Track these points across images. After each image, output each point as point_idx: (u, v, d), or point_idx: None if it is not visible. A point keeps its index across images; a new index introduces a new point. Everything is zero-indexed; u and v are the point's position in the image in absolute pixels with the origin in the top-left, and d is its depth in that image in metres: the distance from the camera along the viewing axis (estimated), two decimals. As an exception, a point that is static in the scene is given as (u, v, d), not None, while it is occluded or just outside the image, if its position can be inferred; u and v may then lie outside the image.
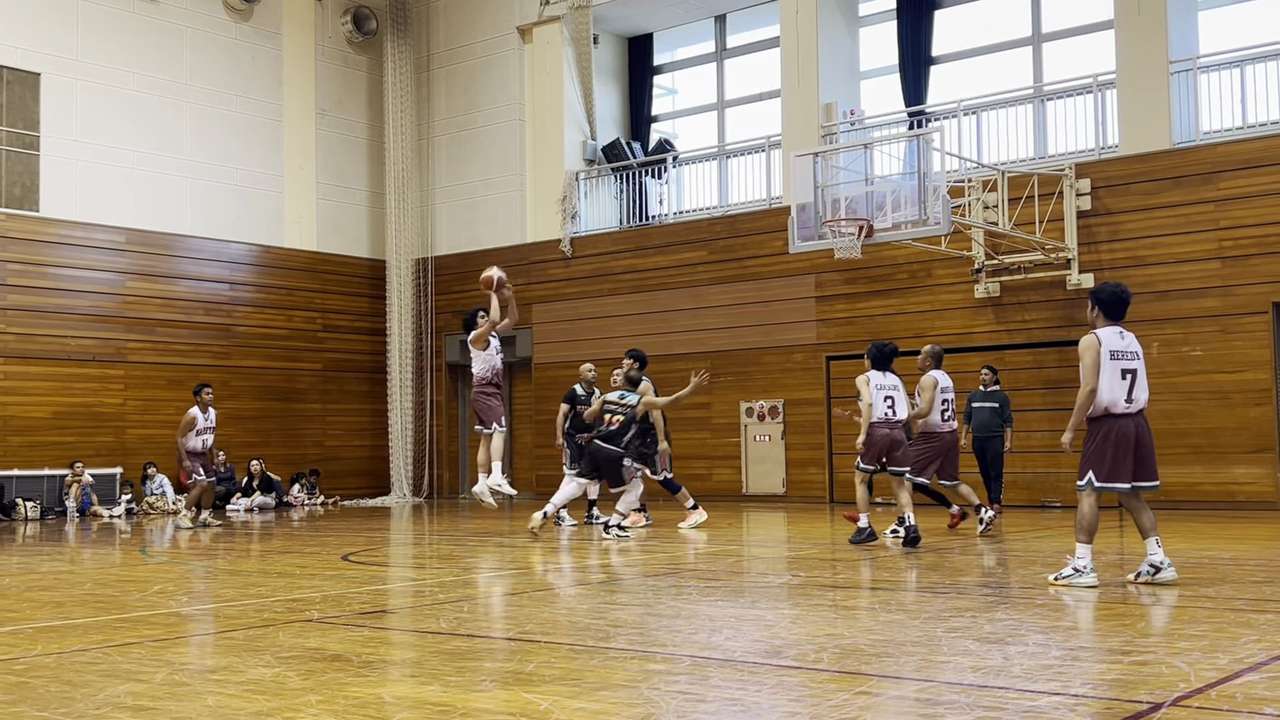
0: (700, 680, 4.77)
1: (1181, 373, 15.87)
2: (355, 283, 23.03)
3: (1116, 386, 7.46)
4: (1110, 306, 7.66)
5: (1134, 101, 16.53)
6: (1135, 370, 7.54)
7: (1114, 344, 7.54)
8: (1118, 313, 7.67)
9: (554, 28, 21.84)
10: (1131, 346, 7.62)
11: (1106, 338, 7.54)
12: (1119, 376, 7.48)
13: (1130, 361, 7.55)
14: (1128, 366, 7.53)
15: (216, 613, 7.01)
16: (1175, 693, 4.31)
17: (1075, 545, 7.58)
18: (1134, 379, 7.51)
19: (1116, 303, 7.67)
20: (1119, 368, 7.50)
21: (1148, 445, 7.58)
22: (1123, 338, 7.61)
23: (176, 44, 20.57)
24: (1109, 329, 7.62)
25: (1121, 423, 7.47)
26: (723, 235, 19.89)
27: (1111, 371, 7.47)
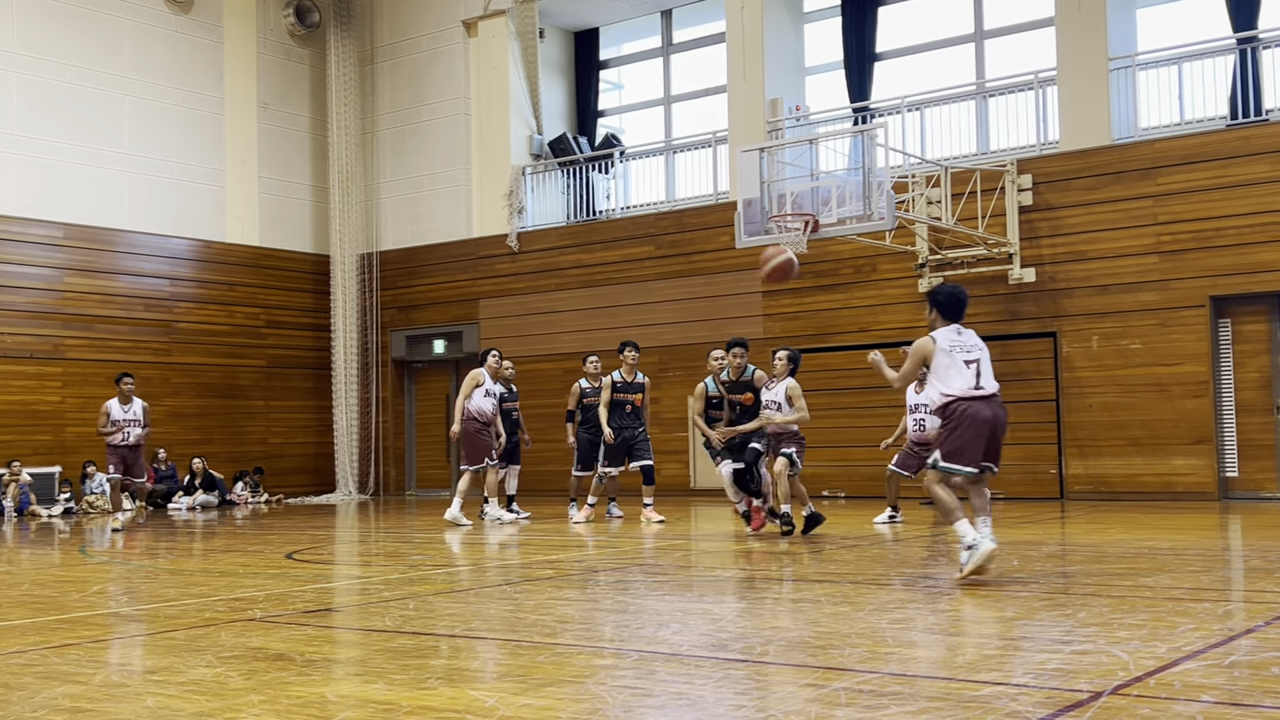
0: (647, 675, 4.78)
1: (1121, 366, 16.10)
2: (299, 278, 22.81)
3: (964, 373, 7.40)
4: (947, 308, 7.62)
5: (1074, 98, 16.74)
6: (979, 360, 7.47)
7: (950, 340, 7.51)
8: (954, 314, 7.61)
9: (499, 22, 21.74)
10: (971, 342, 7.57)
11: (942, 337, 7.51)
12: (963, 366, 7.42)
13: (972, 353, 7.49)
14: (969, 357, 7.46)
15: (157, 613, 6.92)
16: (1115, 681, 4.37)
17: (954, 529, 7.46)
18: (979, 367, 7.44)
19: (953, 304, 7.62)
20: (960, 358, 7.44)
21: (1000, 432, 7.49)
22: (960, 334, 7.57)
23: (115, 36, 20.25)
24: (945, 329, 7.57)
25: (975, 405, 7.38)
26: (670, 230, 19.91)
27: (953, 361, 7.42)
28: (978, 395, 7.36)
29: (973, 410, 7.34)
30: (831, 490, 17.73)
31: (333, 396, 22.69)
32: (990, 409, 7.37)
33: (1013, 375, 16.84)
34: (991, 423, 7.36)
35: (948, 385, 7.41)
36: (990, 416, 7.36)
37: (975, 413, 7.33)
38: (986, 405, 7.37)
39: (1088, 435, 16.31)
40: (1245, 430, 15.63)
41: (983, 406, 7.35)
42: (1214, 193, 15.65)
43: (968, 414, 7.34)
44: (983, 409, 7.34)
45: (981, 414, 7.34)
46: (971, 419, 7.32)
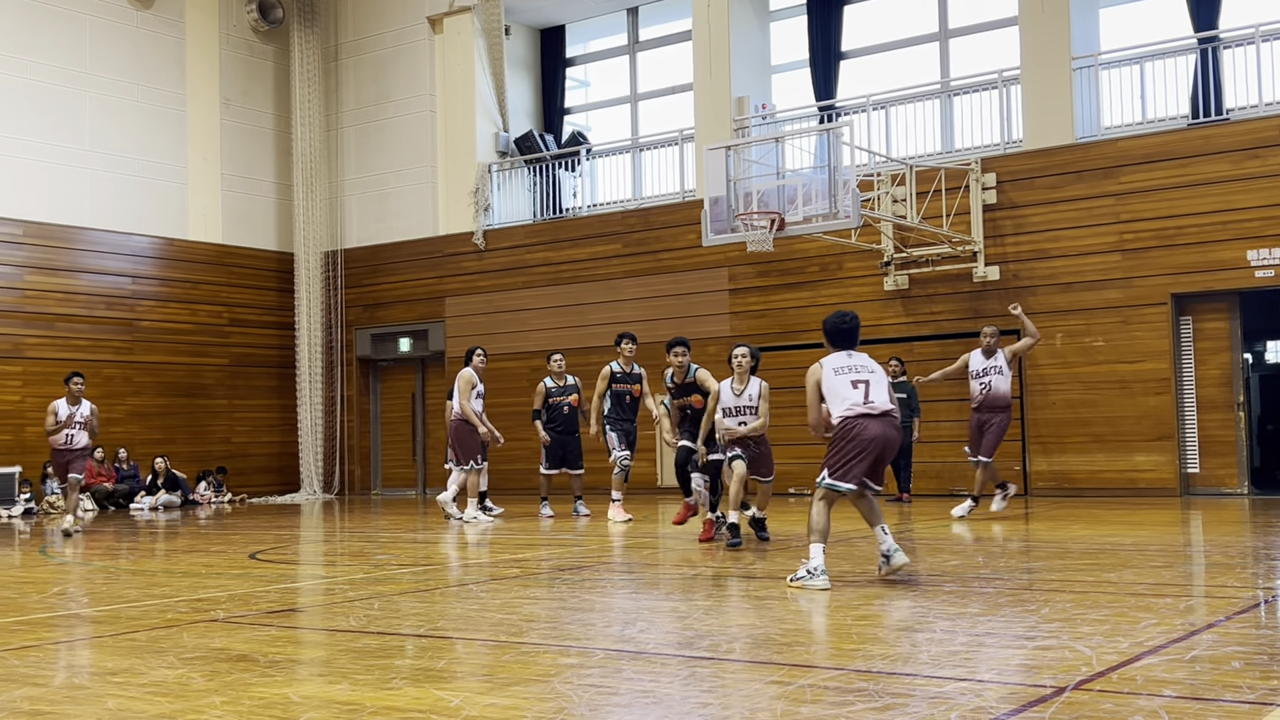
0: (613, 673, 4.77)
1: (1084, 363, 16.23)
2: (262, 276, 22.64)
3: (850, 392, 7.32)
4: (832, 336, 7.59)
5: (1038, 97, 16.85)
6: (868, 381, 7.37)
7: (838, 362, 7.46)
8: (840, 342, 7.56)
9: (465, 18, 21.66)
10: (861, 363, 7.48)
11: (830, 361, 7.48)
12: (849, 385, 7.35)
13: (861, 374, 7.40)
14: (858, 378, 7.38)
15: (119, 614, 6.85)
16: (1078, 676, 4.39)
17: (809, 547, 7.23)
18: (868, 387, 7.34)
19: (837, 334, 7.57)
20: (848, 379, 7.37)
21: (889, 451, 7.38)
22: (850, 357, 7.50)
23: (76, 32, 20.03)
24: (835, 354, 7.53)
25: (864, 422, 7.26)
26: (637, 228, 19.90)
27: (841, 383, 7.36)
28: (868, 413, 7.25)
29: (860, 427, 7.25)
30: (797, 488, 17.77)
31: (297, 395, 22.55)
32: (881, 426, 7.27)
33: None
34: (880, 440, 7.27)
35: (836, 404, 7.35)
36: (879, 434, 7.26)
37: (863, 430, 7.24)
38: (877, 423, 7.26)
39: (1051, 432, 16.43)
40: (1206, 426, 15.79)
41: (872, 424, 7.25)
42: (1176, 191, 15.79)
43: (855, 431, 7.25)
44: (872, 426, 7.24)
45: (870, 431, 7.24)
46: (858, 436, 7.24)
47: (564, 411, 14.61)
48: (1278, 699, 4.00)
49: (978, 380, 13.00)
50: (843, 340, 7.57)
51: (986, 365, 12.97)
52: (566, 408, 14.60)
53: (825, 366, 7.44)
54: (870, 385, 7.35)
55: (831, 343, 7.62)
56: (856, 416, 7.25)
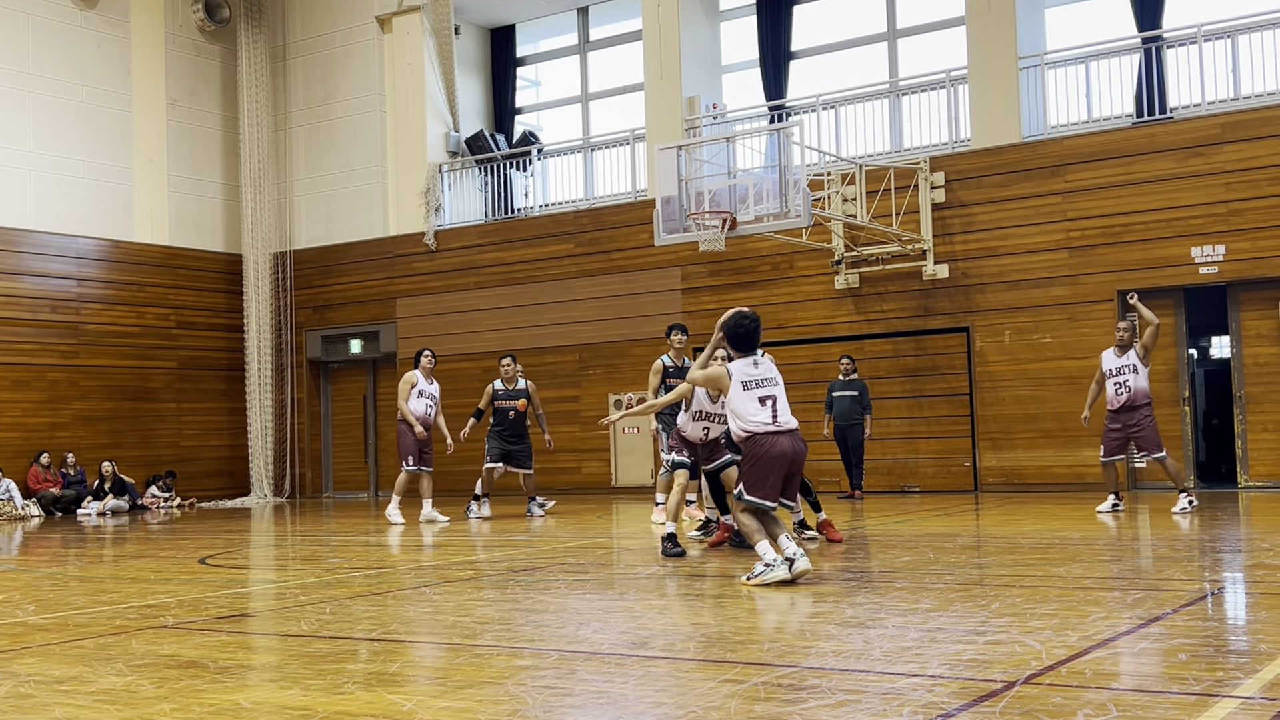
0: (567, 674, 4.76)
1: (1032, 359, 16.40)
2: (210, 278, 22.41)
3: (759, 411, 7.25)
4: (735, 340, 7.43)
5: (985, 96, 17.01)
6: (774, 396, 7.29)
7: (746, 374, 7.33)
8: (742, 345, 7.41)
9: (414, 17, 21.55)
10: (767, 374, 7.37)
11: (738, 370, 7.34)
12: (758, 404, 7.25)
13: (767, 389, 7.30)
14: (765, 394, 7.28)
15: (66, 621, 6.75)
16: (1028, 670, 4.44)
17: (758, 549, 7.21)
18: (774, 403, 7.27)
19: (738, 337, 7.41)
20: (755, 396, 7.26)
21: (798, 466, 7.36)
22: (756, 366, 7.37)
23: (18, 31, 19.74)
24: (741, 361, 7.38)
25: (773, 440, 7.22)
26: (589, 228, 19.89)
27: (749, 401, 7.25)
28: (777, 430, 7.21)
29: (769, 443, 7.20)
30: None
31: (246, 398, 22.34)
32: (789, 441, 7.25)
33: (927, 370, 17.09)
34: (790, 456, 7.25)
35: (745, 422, 7.26)
36: (788, 449, 7.23)
37: (772, 445, 7.20)
38: (786, 439, 7.24)
39: (1000, 428, 16.60)
40: (1152, 422, 15.97)
41: (782, 439, 7.22)
42: (1121, 189, 15.99)
43: (765, 447, 7.20)
44: (782, 441, 7.21)
45: (779, 447, 7.20)
46: (767, 453, 7.19)
47: (509, 416, 14.48)
48: (1224, 691, 4.06)
49: (1113, 380, 12.27)
50: (745, 343, 7.41)
51: (1121, 364, 12.20)
52: (513, 412, 14.48)
53: (734, 378, 7.30)
54: (776, 402, 7.29)
55: (734, 346, 7.45)
56: (765, 433, 7.20)
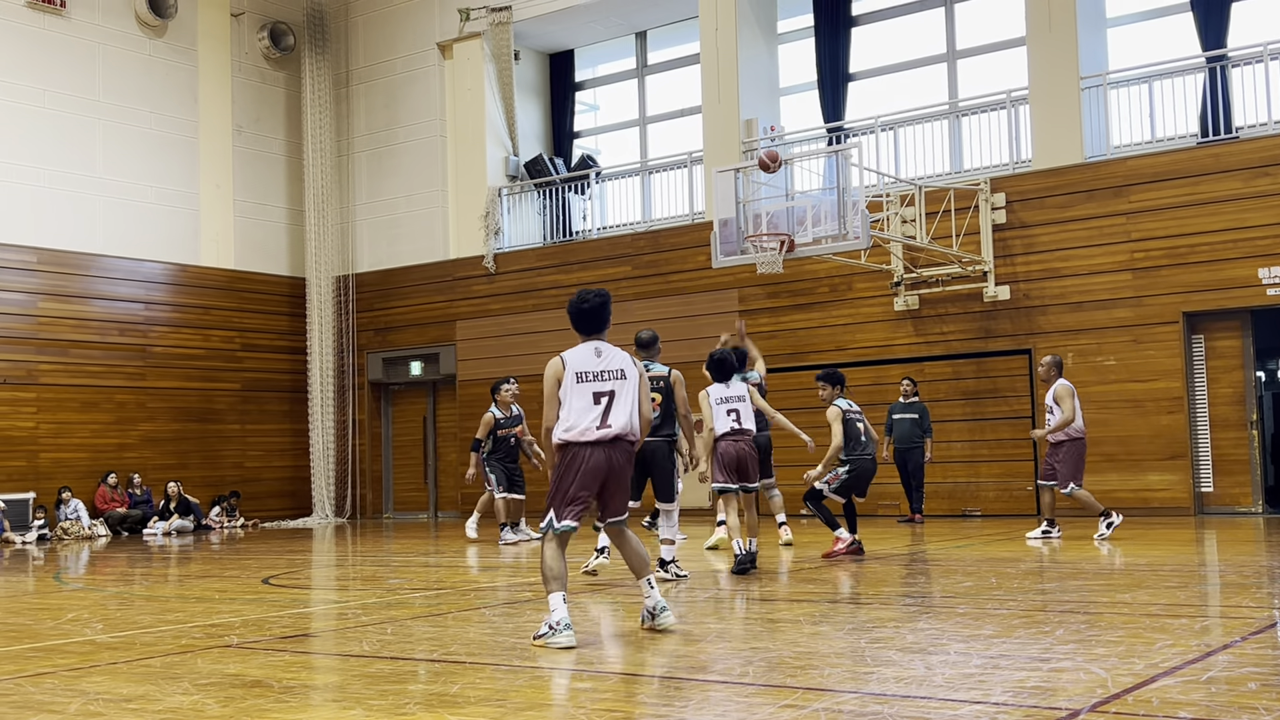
0: (627, 697, 4.76)
1: (1096, 382, 16.19)
2: (275, 301, 22.73)
3: (587, 410, 6.28)
4: (575, 320, 6.51)
5: (1046, 116, 16.87)
6: (613, 393, 6.31)
7: (582, 363, 6.37)
8: (584, 326, 6.49)
9: (474, 44, 21.78)
10: (610, 365, 6.37)
11: (572, 361, 6.40)
12: (589, 400, 6.29)
13: (607, 383, 6.33)
14: (602, 389, 6.32)
15: (133, 640, 6.86)
16: (1093, 699, 4.38)
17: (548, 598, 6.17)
18: (610, 402, 6.30)
19: (579, 316, 6.48)
20: (589, 391, 6.31)
21: (615, 480, 6.36)
22: (599, 356, 6.40)
23: (89, 60, 20.19)
24: (581, 349, 6.44)
25: (587, 451, 6.26)
26: (646, 250, 19.94)
27: (581, 395, 6.30)
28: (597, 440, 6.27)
29: (579, 456, 6.28)
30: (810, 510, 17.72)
31: (309, 419, 22.60)
32: (605, 454, 6.30)
33: (988, 392, 16.94)
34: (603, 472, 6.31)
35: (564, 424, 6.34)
36: (601, 463, 6.29)
37: (582, 459, 6.27)
38: (601, 451, 6.28)
39: (1064, 452, 16.36)
40: (1220, 445, 15.73)
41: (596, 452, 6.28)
42: (1186, 209, 15.78)
43: (571, 461, 6.30)
44: (595, 455, 6.28)
45: (591, 460, 6.27)
46: (576, 468, 6.28)
47: (510, 443, 14.22)
48: (1294, 720, 3.99)
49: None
50: (586, 324, 6.46)
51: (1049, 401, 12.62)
52: (513, 439, 14.22)
53: (567, 367, 6.36)
54: (614, 399, 6.31)
55: (576, 328, 6.52)
56: (578, 443, 6.28)
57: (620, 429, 6.30)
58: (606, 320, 6.51)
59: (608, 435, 6.28)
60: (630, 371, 6.41)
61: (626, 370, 6.39)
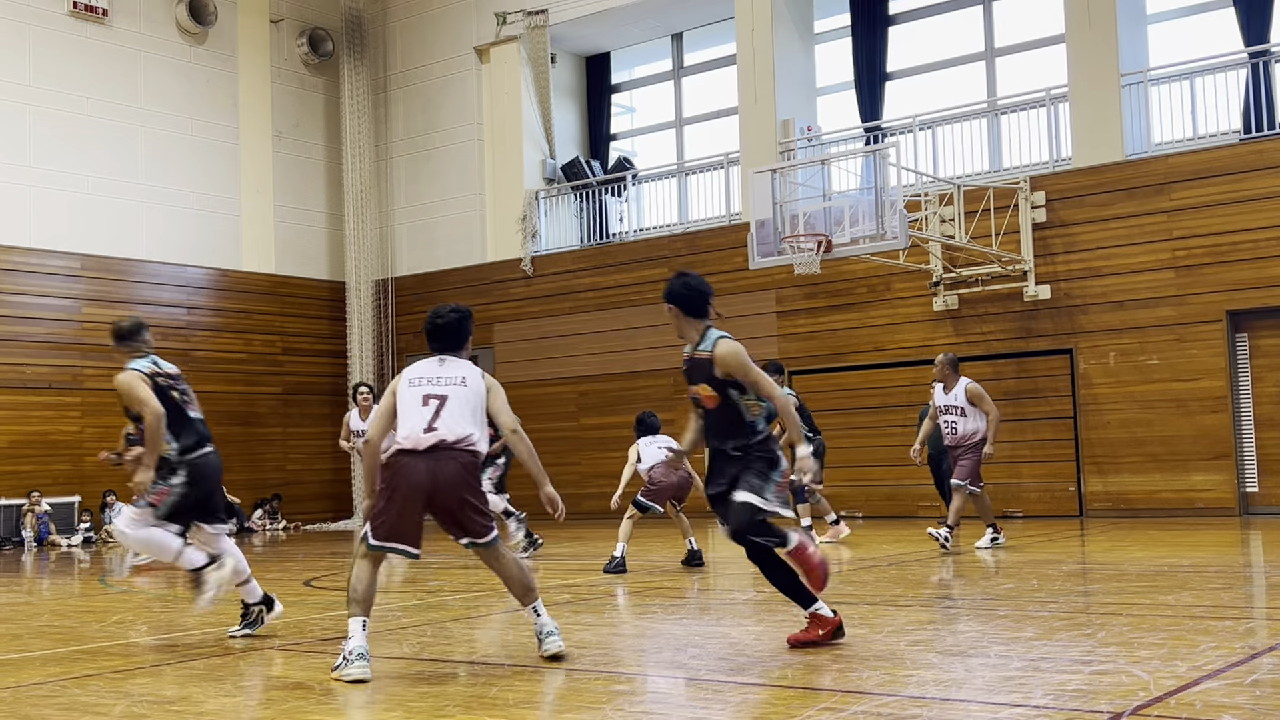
0: (665, 699, 4.77)
1: (1139, 382, 16.04)
2: (315, 305, 22.90)
3: (413, 416, 5.74)
4: (427, 335, 6.10)
5: (1086, 114, 16.73)
6: (445, 397, 5.79)
7: (418, 371, 5.93)
8: (432, 342, 6.07)
9: (511, 47, 21.86)
10: (450, 373, 5.90)
11: (410, 369, 5.97)
12: (417, 404, 5.78)
13: (440, 387, 5.84)
14: (433, 393, 5.81)
15: (176, 642, 6.94)
16: (1135, 701, 4.34)
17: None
18: (441, 407, 5.76)
19: (429, 333, 6.08)
20: (418, 395, 5.81)
21: (442, 496, 5.70)
22: (441, 365, 5.95)
23: (130, 67, 20.42)
24: (422, 363, 6.00)
25: (406, 462, 5.68)
26: (683, 252, 19.93)
27: (409, 401, 5.80)
28: (415, 447, 5.69)
29: (401, 468, 5.70)
30: (849, 511, 17.68)
31: (349, 423, 22.72)
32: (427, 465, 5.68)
33: (1029, 393, 16.81)
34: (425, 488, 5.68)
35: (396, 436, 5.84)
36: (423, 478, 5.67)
37: (404, 473, 5.68)
38: (423, 461, 5.68)
39: (1106, 452, 16.24)
40: (1265, 445, 15.54)
41: (418, 463, 5.68)
42: (1229, 207, 15.60)
43: (393, 474, 5.73)
44: (417, 467, 5.68)
45: (413, 474, 5.67)
46: (397, 481, 5.70)
47: None
48: (1341, 724, 3.94)
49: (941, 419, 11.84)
50: (438, 340, 6.06)
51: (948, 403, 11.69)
52: None
53: (403, 376, 5.96)
54: (445, 405, 5.77)
55: (428, 343, 6.11)
56: (400, 453, 5.72)
57: (449, 436, 5.67)
58: (463, 339, 6.08)
59: (432, 441, 5.66)
60: (474, 382, 5.90)
61: (469, 379, 5.89)
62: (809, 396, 18.37)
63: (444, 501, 5.70)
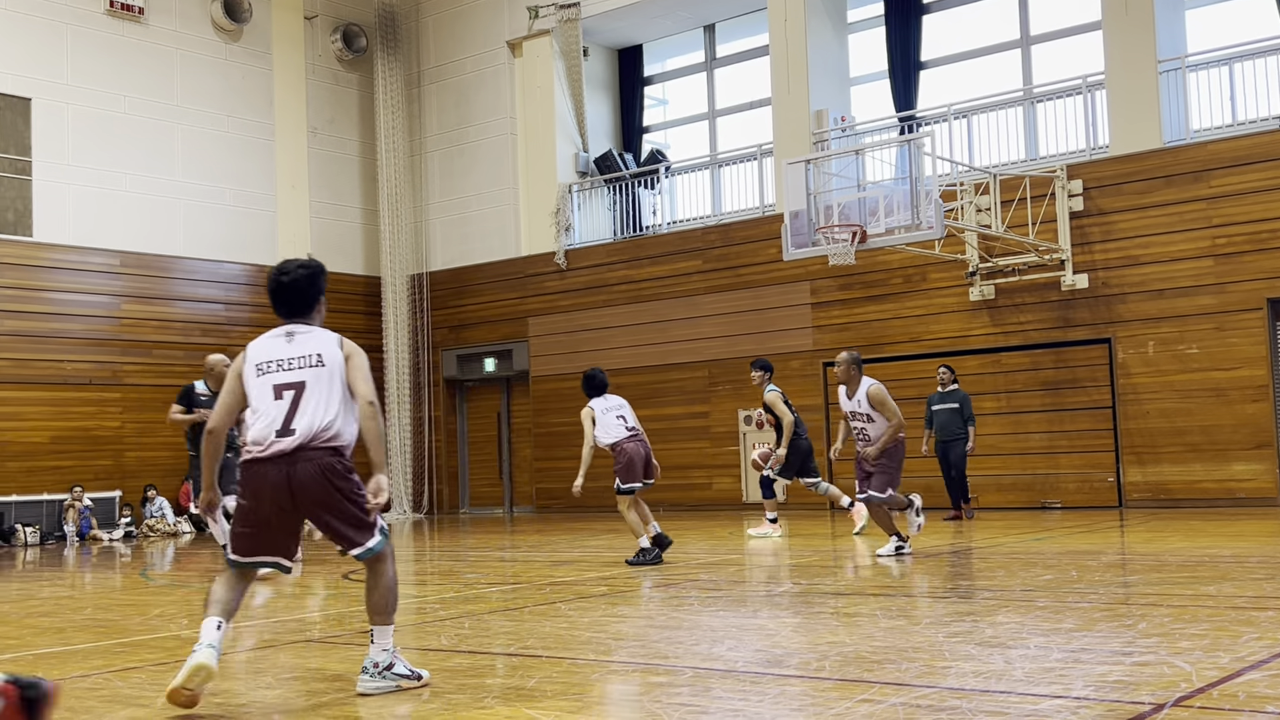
0: (702, 692, 4.77)
1: (1178, 371, 15.89)
2: (351, 300, 23.00)
3: (267, 409, 4.94)
4: (274, 297, 5.22)
5: (1123, 101, 16.58)
6: (302, 385, 4.97)
7: (263, 354, 5.07)
8: (283, 307, 5.21)
9: (543, 41, 21.88)
10: (300, 352, 5.04)
11: (255, 347, 5.11)
12: (270, 397, 4.96)
13: (293, 373, 5.00)
14: (286, 381, 4.98)
15: (217, 635, 6.99)
16: (1177, 693, 4.31)
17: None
18: (297, 399, 4.94)
19: (273, 299, 5.24)
20: (269, 384, 4.98)
21: (304, 503, 4.94)
22: (291, 342, 5.09)
23: (166, 65, 20.59)
24: (261, 341, 5.16)
25: (261, 471, 4.91)
26: (717, 244, 19.91)
27: (261, 393, 4.98)
28: (277, 454, 4.90)
29: (252, 475, 4.95)
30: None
31: (386, 416, 22.85)
32: (278, 471, 4.90)
33: (1067, 383, 16.69)
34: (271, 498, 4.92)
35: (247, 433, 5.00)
36: (272, 485, 4.91)
37: (254, 480, 4.94)
38: (274, 467, 4.90)
39: (1145, 442, 16.10)
40: (1307, 434, 15.36)
41: (267, 470, 4.91)
42: (1269, 194, 15.41)
43: (246, 482, 4.99)
44: (267, 474, 4.91)
45: (263, 481, 4.92)
46: (249, 490, 4.97)
47: None
48: (1388, 716, 3.89)
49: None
50: (286, 303, 5.21)
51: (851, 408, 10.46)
52: None
53: (247, 359, 5.10)
54: (303, 395, 4.96)
55: (274, 309, 5.25)
56: (251, 461, 4.94)
57: (307, 435, 4.89)
58: (314, 300, 5.21)
59: (287, 445, 4.88)
60: (332, 356, 5.03)
61: (326, 354, 5.03)
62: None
63: (309, 512, 4.98)
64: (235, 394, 5.07)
